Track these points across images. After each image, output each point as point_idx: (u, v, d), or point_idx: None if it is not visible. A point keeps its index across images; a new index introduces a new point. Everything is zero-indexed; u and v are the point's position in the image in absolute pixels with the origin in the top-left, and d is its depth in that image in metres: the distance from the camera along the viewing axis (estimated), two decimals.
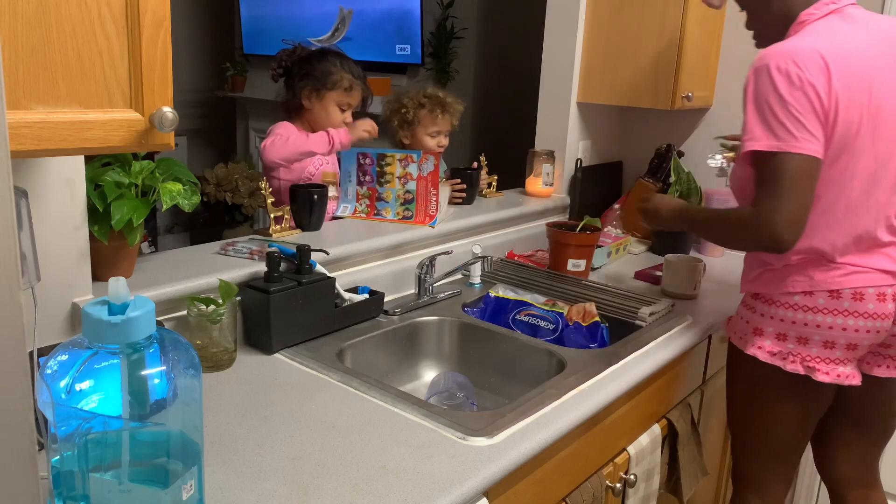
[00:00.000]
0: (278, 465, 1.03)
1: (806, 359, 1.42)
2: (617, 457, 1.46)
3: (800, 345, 1.43)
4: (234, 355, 1.37)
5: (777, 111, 1.31)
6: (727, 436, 2.14)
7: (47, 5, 0.76)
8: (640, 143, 2.60)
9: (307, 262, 1.47)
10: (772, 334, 1.46)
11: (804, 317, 1.41)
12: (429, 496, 0.98)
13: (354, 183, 1.96)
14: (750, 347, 1.48)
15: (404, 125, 2.20)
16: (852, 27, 1.40)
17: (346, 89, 2.09)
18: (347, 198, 1.96)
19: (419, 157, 1.89)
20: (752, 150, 1.34)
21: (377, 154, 1.94)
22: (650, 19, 2.18)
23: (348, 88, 2.09)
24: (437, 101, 2.18)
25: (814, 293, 1.41)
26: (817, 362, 1.42)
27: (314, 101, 2.08)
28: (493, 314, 1.74)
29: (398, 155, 1.92)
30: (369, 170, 1.94)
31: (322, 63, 2.09)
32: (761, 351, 1.47)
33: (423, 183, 1.87)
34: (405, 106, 2.19)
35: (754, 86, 1.36)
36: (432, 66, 4.29)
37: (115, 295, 0.77)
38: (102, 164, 1.29)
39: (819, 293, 1.40)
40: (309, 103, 2.09)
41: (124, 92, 0.83)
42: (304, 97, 2.09)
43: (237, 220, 4.80)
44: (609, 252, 2.14)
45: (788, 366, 1.43)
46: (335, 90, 2.08)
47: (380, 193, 1.92)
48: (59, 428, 0.76)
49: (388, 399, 1.23)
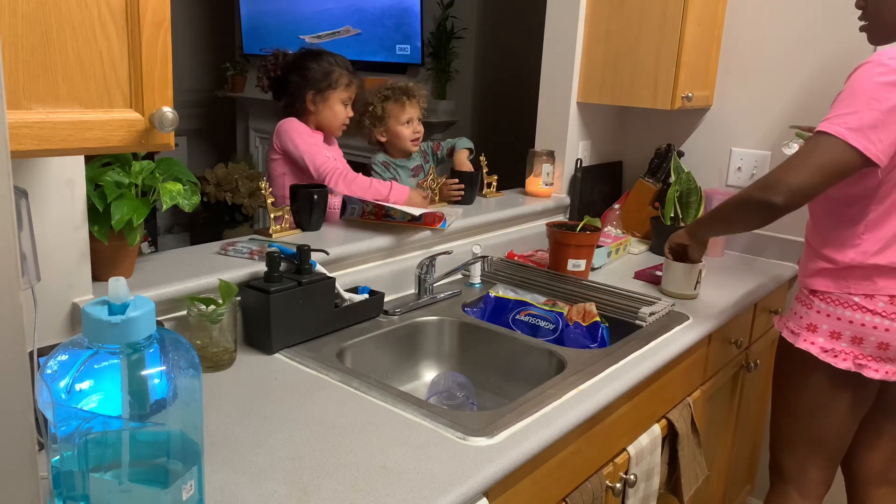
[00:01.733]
0: (278, 465, 1.04)
1: (858, 357, 1.45)
2: (617, 457, 1.46)
3: (853, 344, 1.46)
4: (234, 355, 1.37)
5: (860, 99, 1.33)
6: (733, 436, 2.15)
7: (47, 5, 0.76)
8: (640, 143, 2.60)
9: (307, 262, 1.47)
10: (826, 332, 1.49)
11: (862, 318, 1.44)
12: (429, 496, 0.98)
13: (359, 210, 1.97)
14: (802, 342, 1.51)
15: (376, 122, 2.29)
16: None
17: (347, 85, 2.10)
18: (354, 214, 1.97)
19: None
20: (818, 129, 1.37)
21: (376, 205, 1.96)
22: (650, 19, 2.18)
23: (348, 84, 2.11)
24: (399, 90, 2.28)
25: (875, 297, 1.43)
26: (868, 360, 1.45)
27: (319, 103, 2.09)
28: (493, 314, 1.74)
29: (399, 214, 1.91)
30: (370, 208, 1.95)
31: (319, 64, 2.09)
32: (814, 346, 1.50)
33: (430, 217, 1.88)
34: (371, 104, 2.29)
35: (855, 76, 1.38)
36: (432, 66, 4.29)
37: (115, 295, 0.77)
38: (102, 164, 1.29)
39: (880, 297, 1.43)
40: (314, 107, 2.09)
41: (124, 92, 0.83)
42: (309, 101, 2.09)
43: (237, 220, 4.80)
44: (609, 252, 2.14)
45: (840, 363, 1.46)
46: (337, 89, 2.08)
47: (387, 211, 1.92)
48: (59, 428, 0.76)
49: (388, 399, 1.23)
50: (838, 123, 1.35)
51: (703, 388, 1.81)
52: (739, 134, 2.41)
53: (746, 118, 2.39)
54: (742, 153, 2.40)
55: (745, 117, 2.39)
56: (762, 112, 2.35)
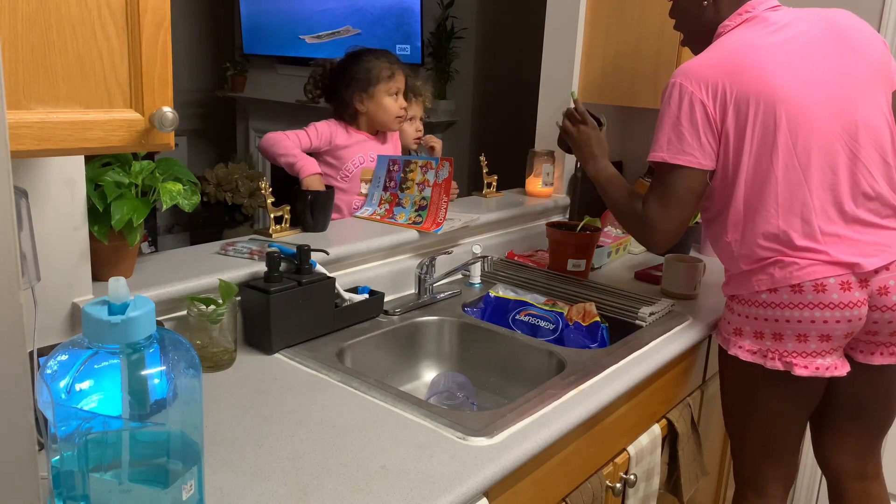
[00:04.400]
0: (278, 465, 1.04)
1: (783, 354, 1.45)
2: (617, 457, 1.46)
3: (776, 341, 1.45)
4: (234, 355, 1.37)
5: (668, 126, 1.47)
6: (727, 435, 2.15)
7: (47, 5, 0.76)
8: (640, 143, 2.59)
9: (307, 262, 1.47)
10: (750, 333, 1.49)
11: (773, 313, 1.44)
12: (429, 496, 0.98)
13: (381, 188, 1.99)
14: (732, 347, 1.52)
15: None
16: (764, 32, 1.48)
17: (389, 77, 2.10)
18: (372, 202, 1.98)
19: (437, 164, 1.91)
20: (648, 159, 1.51)
21: (404, 161, 1.98)
22: (650, 19, 2.18)
23: (391, 76, 2.10)
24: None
25: (777, 289, 1.43)
26: (794, 357, 1.44)
27: (367, 102, 2.10)
28: (493, 314, 1.74)
29: (420, 162, 1.96)
30: (395, 176, 1.98)
31: (358, 63, 2.11)
32: (742, 350, 1.50)
33: (437, 190, 1.88)
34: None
35: (663, 98, 1.50)
36: (432, 66, 4.29)
37: (115, 295, 0.77)
38: (102, 164, 1.29)
39: (782, 289, 1.43)
40: (363, 106, 2.10)
41: (124, 92, 0.83)
42: (357, 102, 2.10)
43: (237, 220, 4.80)
44: (609, 252, 2.14)
45: (768, 363, 1.46)
46: (381, 83, 2.09)
47: (399, 199, 1.94)
48: (59, 428, 0.76)
49: (388, 399, 1.23)
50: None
51: (703, 388, 1.81)
52: None
53: None
54: None
55: None
56: None
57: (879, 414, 1.63)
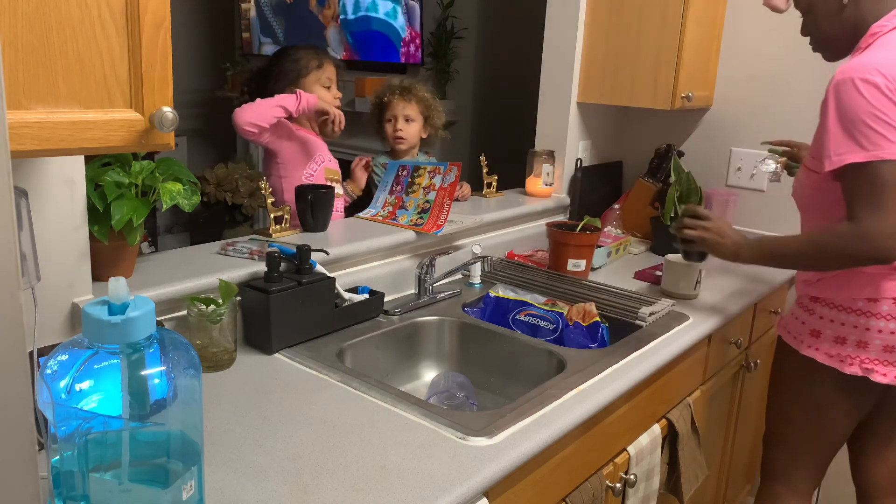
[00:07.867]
0: (278, 465, 1.04)
1: (864, 361, 1.45)
2: (617, 457, 1.46)
3: (859, 348, 1.45)
4: (234, 355, 1.37)
5: (868, 121, 1.31)
6: (733, 436, 2.15)
7: (47, 5, 0.76)
8: (640, 143, 2.60)
9: (307, 262, 1.47)
10: (830, 337, 1.48)
11: (867, 322, 1.44)
12: (429, 496, 0.98)
13: (387, 192, 2.00)
14: (806, 349, 1.51)
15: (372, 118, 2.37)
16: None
17: (318, 66, 2.09)
18: (376, 204, 1.98)
19: (445, 169, 1.91)
20: (846, 163, 1.32)
21: (413, 166, 1.99)
22: (650, 19, 2.18)
23: (319, 65, 2.09)
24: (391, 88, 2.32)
25: (879, 300, 1.43)
26: (876, 364, 1.44)
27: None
28: (493, 314, 1.74)
29: (429, 168, 1.96)
30: (402, 180, 1.98)
31: (282, 60, 2.09)
32: (819, 353, 1.49)
33: (442, 193, 1.89)
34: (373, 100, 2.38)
35: (836, 100, 1.35)
36: (432, 66, 4.29)
37: (115, 295, 0.77)
38: (102, 164, 1.29)
39: (884, 300, 1.43)
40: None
41: (124, 92, 0.83)
42: None
43: (237, 220, 4.80)
44: (609, 252, 2.14)
45: (846, 368, 1.46)
46: (311, 73, 2.08)
47: (404, 202, 1.94)
48: (59, 428, 0.76)
49: (388, 399, 1.23)
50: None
51: (703, 389, 1.81)
52: (739, 134, 2.41)
53: (746, 118, 2.39)
54: (742, 153, 2.40)
55: (745, 117, 2.39)
56: (762, 112, 2.35)
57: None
